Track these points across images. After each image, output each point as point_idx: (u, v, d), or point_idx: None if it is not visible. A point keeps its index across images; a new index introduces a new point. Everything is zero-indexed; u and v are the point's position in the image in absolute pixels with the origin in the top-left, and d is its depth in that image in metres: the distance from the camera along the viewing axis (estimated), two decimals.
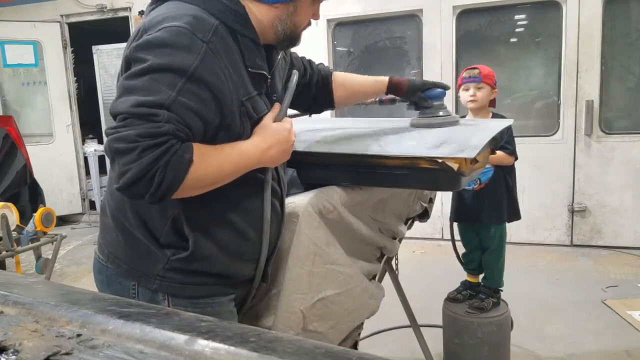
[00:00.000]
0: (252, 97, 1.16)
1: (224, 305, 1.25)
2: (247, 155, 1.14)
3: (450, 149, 1.38)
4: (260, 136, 1.17)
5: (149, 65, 1.01)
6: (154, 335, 0.55)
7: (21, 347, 0.55)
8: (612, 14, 4.34)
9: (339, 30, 5.14)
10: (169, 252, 1.17)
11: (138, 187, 0.99)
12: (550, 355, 2.80)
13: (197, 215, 1.16)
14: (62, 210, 6.13)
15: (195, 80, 1.02)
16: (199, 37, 1.04)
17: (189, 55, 1.02)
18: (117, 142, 0.98)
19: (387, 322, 2.95)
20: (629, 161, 4.38)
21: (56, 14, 6.19)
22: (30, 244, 3.62)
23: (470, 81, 2.51)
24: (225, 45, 1.10)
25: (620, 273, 3.93)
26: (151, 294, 1.18)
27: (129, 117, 0.98)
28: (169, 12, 1.08)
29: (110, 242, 1.24)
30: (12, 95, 6.36)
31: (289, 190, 1.48)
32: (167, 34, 1.03)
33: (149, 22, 1.08)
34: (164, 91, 0.99)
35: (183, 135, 1.02)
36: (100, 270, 1.27)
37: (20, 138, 4.72)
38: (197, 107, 1.03)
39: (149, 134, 0.97)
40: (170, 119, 0.99)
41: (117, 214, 1.21)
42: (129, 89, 1.01)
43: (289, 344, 0.54)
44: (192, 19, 1.05)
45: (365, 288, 1.57)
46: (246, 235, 1.23)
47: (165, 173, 0.98)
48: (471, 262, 2.69)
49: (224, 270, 1.22)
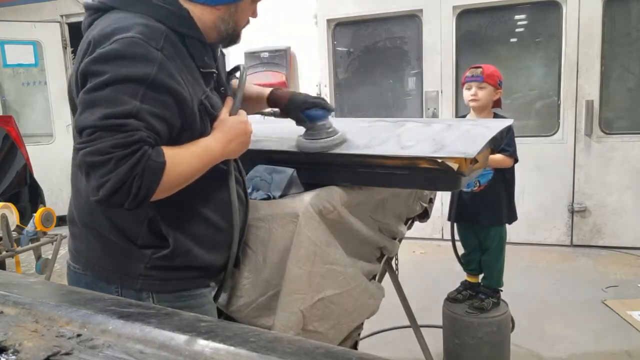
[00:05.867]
0: (208, 95, 1.21)
1: (206, 297, 1.31)
2: (211, 151, 1.19)
3: (450, 149, 1.38)
4: (220, 131, 1.22)
5: (109, 78, 1.02)
6: (154, 335, 0.56)
7: (21, 347, 0.55)
8: (612, 14, 4.34)
9: (339, 31, 5.14)
10: (148, 251, 1.21)
11: (117, 197, 1.01)
12: (550, 355, 2.80)
13: (172, 213, 1.20)
14: (62, 210, 6.07)
15: (156, 87, 1.05)
16: (152, 45, 1.07)
17: (146, 65, 1.05)
18: (91, 155, 1.00)
19: (387, 322, 2.95)
20: (629, 161, 4.38)
21: (56, 14, 6.19)
22: (30, 244, 3.61)
23: (473, 80, 2.50)
24: (177, 50, 1.13)
25: (620, 273, 3.93)
26: (135, 293, 1.21)
27: (97, 130, 1.00)
28: (117, 22, 1.09)
29: (84, 250, 1.27)
30: (12, 95, 6.36)
31: (289, 190, 1.49)
32: (122, 46, 1.04)
33: (98, 35, 1.08)
34: (128, 101, 1.02)
35: (153, 141, 1.05)
36: (78, 280, 1.29)
37: (20, 138, 4.71)
38: (161, 112, 1.06)
39: (122, 144, 0.99)
40: (140, 127, 1.02)
41: (89, 221, 1.24)
42: (91, 103, 1.02)
43: (289, 344, 0.54)
44: (143, 27, 1.08)
45: (365, 288, 1.57)
46: (218, 225, 1.28)
47: (142, 180, 1.02)
48: (470, 263, 2.69)
49: (203, 263, 1.27)
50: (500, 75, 2.53)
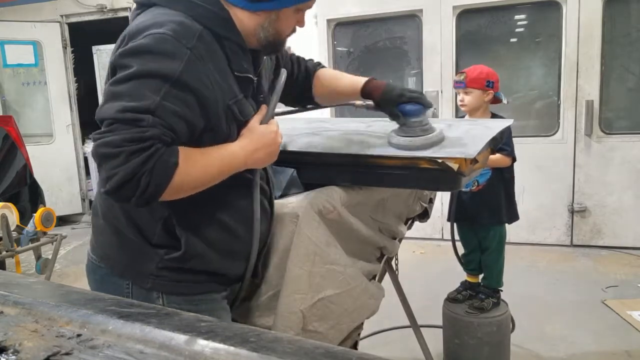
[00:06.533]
0: (239, 100, 1.18)
1: (218, 302, 1.29)
2: (234, 158, 1.17)
3: (450, 149, 1.38)
4: (247, 139, 1.19)
5: (134, 72, 1.02)
6: (154, 335, 0.56)
7: (21, 347, 0.55)
8: (612, 14, 4.33)
9: (339, 31, 5.14)
10: (161, 251, 1.20)
11: (124, 191, 1.01)
12: (550, 355, 2.80)
13: (187, 216, 1.19)
14: (62, 210, 6.13)
15: (179, 85, 1.04)
16: (183, 43, 1.06)
17: (173, 62, 1.04)
18: (103, 147, 1.00)
19: (387, 322, 2.95)
20: (629, 161, 4.38)
21: (56, 14, 6.19)
22: (30, 244, 3.61)
23: (457, 87, 2.56)
24: (210, 51, 1.11)
25: (620, 273, 3.93)
26: (145, 292, 1.20)
27: (115, 122, 1.00)
28: (155, 18, 1.10)
29: (102, 242, 1.27)
30: (12, 95, 6.36)
31: (289, 190, 1.48)
32: (152, 41, 1.05)
33: (134, 28, 1.09)
34: (149, 96, 1.01)
35: (168, 139, 1.03)
36: (94, 270, 1.29)
37: (20, 138, 4.71)
38: (181, 111, 1.05)
39: (135, 138, 0.99)
40: (155, 124, 1.01)
41: (109, 215, 1.23)
42: (115, 95, 1.03)
43: (289, 344, 0.54)
44: (176, 25, 1.07)
45: (365, 288, 1.57)
46: (236, 233, 1.26)
47: (151, 177, 1.00)
48: (470, 263, 2.69)
49: (216, 268, 1.25)
50: (490, 75, 2.50)
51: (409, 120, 1.40)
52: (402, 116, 1.41)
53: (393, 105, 1.41)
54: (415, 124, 1.40)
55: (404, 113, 1.40)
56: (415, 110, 1.39)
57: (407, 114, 1.40)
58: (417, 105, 1.40)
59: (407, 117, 1.40)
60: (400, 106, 1.40)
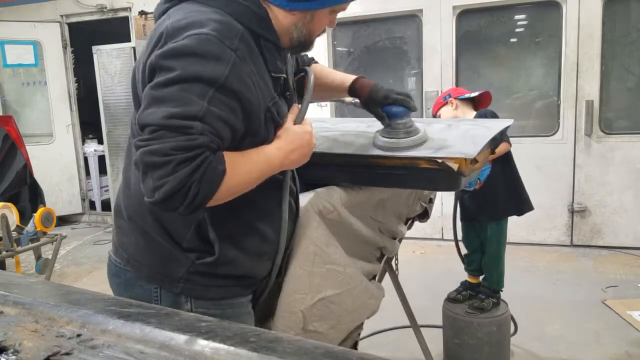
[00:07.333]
0: (276, 102, 1.15)
1: (244, 307, 1.26)
2: (272, 160, 1.13)
3: (450, 149, 1.38)
4: (284, 140, 1.16)
5: (178, 75, 0.97)
6: (154, 335, 0.56)
7: (21, 347, 0.55)
8: (612, 14, 4.34)
9: (339, 31, 5.14)
10: (192, 255, 1.16)
11: (173, 201, 0.97)
12: (550, 355, 2.80)
13: (221, 220, 1.15)
14: (62, 210, 6.13)
15: (225, 89, 1.00)
16: (227, 44, 1.01)
17: (218, 65, 0.99)
18: (150, 155, 0.95)
19: (387, 322, 2.95)
20: (629, 161, 4.38)
21: (56, 14, 6.19)
22: (30, 244, 3.62)
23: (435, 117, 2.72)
24: (250, 51, 1.07)
25: (620, 273, 3.93)
26: (174, 296, 1.17)
27: (161, 129, 0.96)
28: (192, 16, 1.04)
29: (128, 245, 1.22)
30: (12, 95, 6.36)
31: None
32: (195, 42, 0.99)
33: (171, 27, 1.03)
34: (196, 102, 0.97)
35: (215, 146, 1.00)
36: (118, 274, 1.24)
37: (20, 138, 4.72)
38: (227, 116, 1.01)
39: (183, 147, 0.95)
40: (204, 131, 0.97)
41: (135, 217, 1.19)
42: (158, 100, 0.98)
43: (289, 344, 0.54)
44: (218, 24, 1.02)
45: (365, 288, 1.57)
46: (266, 236, 1.23)
47: (200, 186, 0.97)
48: (472, 263, 2.70)
49: (245, 272, 1.22)
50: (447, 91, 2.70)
51: (393, 121, 1.43)
52: (387, 117, 1.43)
53: (378, 107, 1.43)
54: (399, 125, 1.42)
55: (389, 115, 1.42)
56: (399, 112, 1.42)
57: (391, 116, 1.42)
58: (402, 107, 1.42)
59: (391, 118, 1.42)
60: (385, 108, 1.42)
